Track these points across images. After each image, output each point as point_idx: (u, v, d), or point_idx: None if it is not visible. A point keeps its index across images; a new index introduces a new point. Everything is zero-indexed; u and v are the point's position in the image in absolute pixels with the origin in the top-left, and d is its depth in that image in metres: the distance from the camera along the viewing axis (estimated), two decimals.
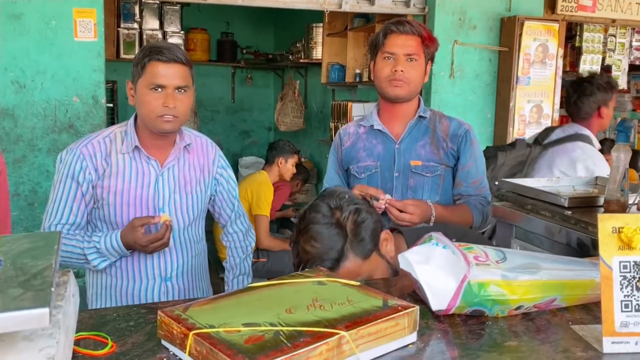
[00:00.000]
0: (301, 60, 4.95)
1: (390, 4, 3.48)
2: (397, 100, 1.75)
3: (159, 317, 0.80)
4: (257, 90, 6.22)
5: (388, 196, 1.63)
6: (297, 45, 5.03)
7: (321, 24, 4.67)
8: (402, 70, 1.69)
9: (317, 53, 4.79)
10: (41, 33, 2.84)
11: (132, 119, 1.60)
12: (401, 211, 1.61)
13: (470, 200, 1.77)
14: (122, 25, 4.87)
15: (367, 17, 4.27)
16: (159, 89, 1.48)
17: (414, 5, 3.50)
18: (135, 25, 4.94)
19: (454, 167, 1.79)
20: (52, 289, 0.57)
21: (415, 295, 1.02)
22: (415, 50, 1.71)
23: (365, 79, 4.35)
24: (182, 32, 5.14)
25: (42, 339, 0.58)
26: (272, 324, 0.75)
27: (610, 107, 2.44)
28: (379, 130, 1.81)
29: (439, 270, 0.94)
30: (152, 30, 5.02)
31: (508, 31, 3.50)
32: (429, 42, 1.74)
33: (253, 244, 1.87)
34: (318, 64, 4.79)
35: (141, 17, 5.00)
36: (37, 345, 0.57)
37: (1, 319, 0.51)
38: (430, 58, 1.78)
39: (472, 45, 3.51)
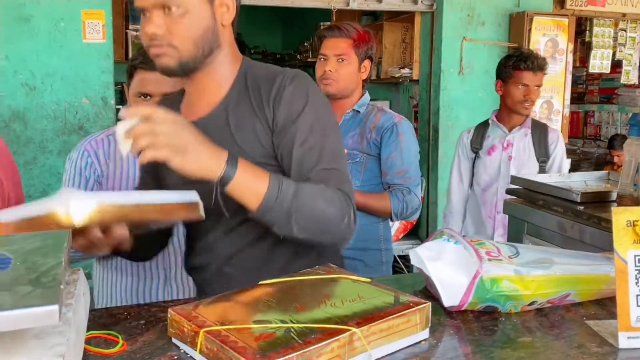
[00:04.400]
0: (309, 59, 4.95)
1: (398, 1, 3.47)
2: (330, 97, 1.92)
3: (169, 315, 0.80)
4: None
5: None
6: (305, 44, 5.03)
7: (329, 23, 4.66)
8: (330, 70, 1.90)
9: None
10: (50, 35, 2.86)
11: None
12: None
13: (393, 189, 1.93)
14: (130, 27, 4.87)
15: (375, 15, 4.26)
16: (148, 97, 1.44)
17: (421, 2, 3.49)
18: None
19: (378, 157, 1.95)
20: (62, 287, 0.57)
21: (427, 292, 1.01)
22: (345, 51, 1.90)
23: (373, 77, 4.34)
24: None
25: (53, 336, 0.58)
26: (282, 321, 0.75)
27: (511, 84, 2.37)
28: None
29: (451, 266, 0.93)
30: None
31: (517, 27, 3.47)
32: (359, 42, 1.91)
33: None
34: None
35: None
36: (48, 343, 0.57)
37: (11, 317, 0.51)
38: (366, 57, 1.94)
39: (481, 42, 3.49)
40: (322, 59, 1.94)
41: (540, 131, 2.51)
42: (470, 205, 2.60)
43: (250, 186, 1.00)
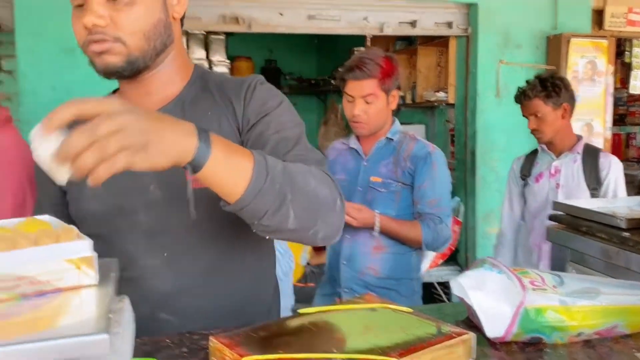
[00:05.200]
0: (339, 85, 4.98)
1: (432, 26, 3.48)
2: (361, 136, 1.98)
3: (211, 344, 0.80)
4: (301, 115, 6.24)
5: None
6: (340, 69, 5.07)
7: (363, 48, 4.70)
8: (360, 113, 1.89)
9: None
10: None
11: None
12: None
13: (425, 218, 1.91)
14: None
15: (409, 40, 4.28)
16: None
17: (456, 26, 3.49)
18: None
19: (412, 187, 1.94)
20: (111, 316, 0.58)
21: (470, 322, 0.99)
22: (372, 91, 1.88)
23: (408, 101, 4.34)
24: (227, 60, 5.26)
25: None
26: (325, 351, 0.75)
27: None
28: (353, 148, 2.04)
29: (494, 295, 0.92)
30: (199, 59, 5.13)
31: (554, 49, 3.44)
32: (384, 79, 1.89)
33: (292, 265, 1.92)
34: None
35: (188, 47, 5.14)
36: None
37: (61, 345, 0.52)
38: (394, 87, 1.93)
39: (517, 65, 3.46)
40: (349, 100, 1.92)
41: (591, 156, 2.37)
42: (521, 235, 2.52)
43: (233, 163, 0.79)
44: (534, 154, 2.52)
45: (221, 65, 5.27)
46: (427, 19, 3.45)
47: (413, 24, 3.42)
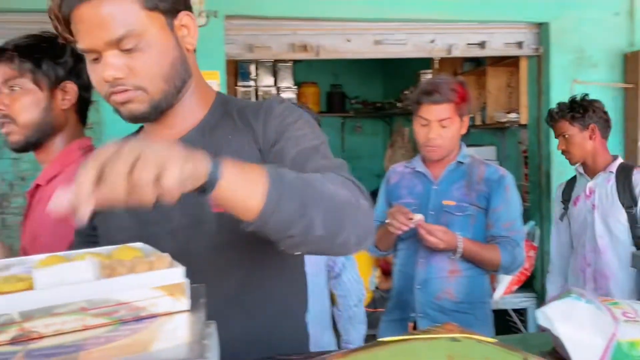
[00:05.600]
0: (410, 107, 4.95)
1: (502, 46, 3.43)
2: (432, 160, 1.98)
3: None
4: (366, 138, 6.30)
5: (420, 216, 1.84)
6: (406, 92, 5.06)
7: (430, 71, 4.68)
8: (435, 137, 1.89)
9: None
10: None
11: None
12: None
13: (500, 241, 1.89)
14: (239, 84, 5.18)
15: (477, 61, 4.22)
16: None
17: (527, 46, 3.42)
18: (252, 83, 5.22)
19: (486, 210, 1.92)
20: (205, 342, 0.60)
21: (556, 353, 0.96)
22: (448, 116, 1.88)
23: (478, 122, 4.27)
24: (294, 86, 5.37)
25: None
26: None
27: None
28: (420, 172, 2.02)
29: (583, 327, 0.88)
30: (267, 86, 5.28)
31: (632, 67, 3.30)
32: (461, 104, 1.90)
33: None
34: None
35: (257, 75, 5.30)
36: None
37: None
38: (467, 113, 1.95)
39: (593, 84, 3.34)
40: (423, 124, 1.91)
41: (625, 174, 2.33)
42: (571, 260, 2.52)
43: (246, 178, 0.77)
44: (574, 178, 2.53)
45: (288, 91, 5.39)
46: (497, 39, 3.39)
47: (482, 45, 3.38)
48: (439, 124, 1.87)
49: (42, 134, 1.39)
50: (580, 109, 2.37)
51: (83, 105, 1.47)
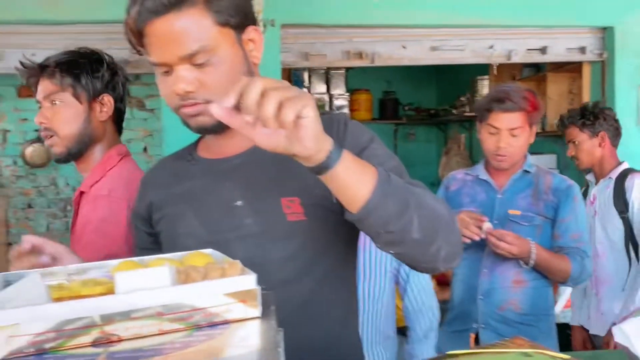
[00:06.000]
0: (466, 114, 4.88)
1: (564, 51, 3.33)
2: (498, 169, 1.92)
3: None
4: (419, 145, 6.24)
5: (489, 224, 1.79)
6: (462, 98, 4.99)
7: (487, 77, 4.59)
8: (505, 147, 1.84)
9: None
10: None
11: None
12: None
13: (569, 251, 1.83)
14: None
15: (537, 66, 4.12)
16: None
17: (590, 51, 3.31)
18: (305, 91, 5.26)
19: (553, 220, 1.86)
20: (279, 349, 0.60)
21: None
22: (519, 125, 1.84)
23: (537, 129, 4.15)
24: (347, 93, 5.37)
25: None
26: None
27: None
28: (484, 180, 1.98)
29: None
30: (320, 93, 5.31)
31: None
32: (533, 113, 1.86)
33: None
34: None
35: (309, 83, 5.33)
36: None
37: None
38: (537, 122, 1.91)
39: None
40: (493, 132, 1.87)
41: (621, 180, 2.35)
42: None
43: (360, 166, 0.80)
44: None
45: (341, 98, 5.40)
46: (558, 44, 3.30)
47: (543, 50, 3.29)
48: (509, 133, 1.84)
49: (83, 145, 1.46)
50: (591, 116, 2.40)
51: (119, 116, 1.55)
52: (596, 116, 2.40)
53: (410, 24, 3.23)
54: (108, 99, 1.48)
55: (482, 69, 4.29)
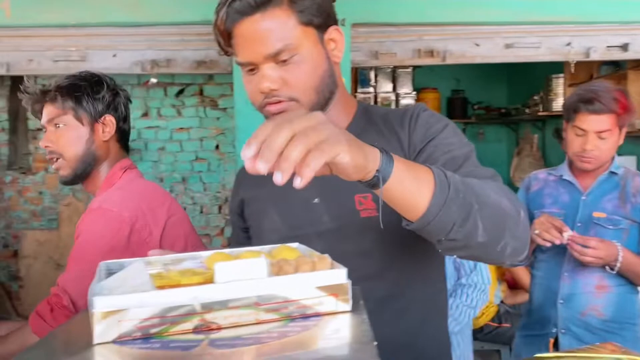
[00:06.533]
0: (539, 113, 4.73)
1: None
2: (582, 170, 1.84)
3: None
4: (488, 145, 6.09)
5: (571, 233, 1.72)
6: (535, 97, 4.84)
7: (562, 75, 4.44)
8: (592, 149, 1.77)
9: (557, 105, 4.54)
10: None
11: None
12: (584, 247, 1.67)
13: None
14: (359, 90, 5.23)
15: (616, 64, 3.94)
16: None
17: None
18: (371, 89, 5.26)
19: None
20: (375, 343, 0.60)
21: None
22: (608, 127, 1.75)
23: None
24: (414, 92, 5.32)
25: None
26: None
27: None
28: (567, 180, 1.90)
29: None
30: (386, 92, 5.29)
31: None
32: (622, 115, 1.76)
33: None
34: (558, 117, 4.53)
35: (376, 81, 5.32)
36: None
37: None
38: (627, 123, 1.81)
39: None
40: (579, 134, 1.80)
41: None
42: None
43: (415, 175, 0.77)
44: None
45: (408, 97, 5.35)
46: None
47: (624, 47, 3.14)
48: (596, 136, 1.77)
49: (87, 166, 1.50)
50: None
51: (123, 135, 1.58)
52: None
53: (483, 21, 3.16)
54: (110, 120, 1.52)
55: (557, 66, 4.14)
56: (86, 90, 1.50)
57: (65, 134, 1.49)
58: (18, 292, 4.69)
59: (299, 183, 0.65)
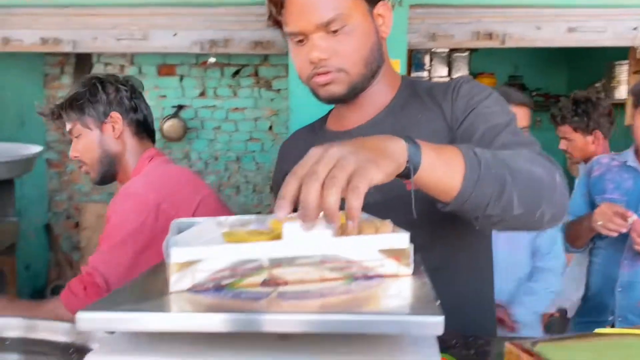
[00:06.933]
0: (633, 98, 4.57)
1: None
2: None
3: (506, 349, 0.81)
4: (546, 133, 5.91)
5: (635, 216, 1.68)
6: (596, 85, 4.68)
7: (626, 62, 4.27)
8: None
9: (620, 93, 4.38)
10: None
11: None
12: None
13: None
14: (412, 74, 5.18)
15: None
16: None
17: None
18: (425, 74, 5.20)
19: None
20: (438, 302, 0.62)
21: None
22: None
23: None
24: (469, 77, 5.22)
25: (425, 348, 0.64)
26: None
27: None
28: (632, 166, 1.88)
29: None
30: (441, 77, 5.22)
31: None
32: None
33: None
34: (620, 105, 4.37)
35: (431, 65, 5.25)
36: (424, 352, 0.63)
37: (402, 321, 0.58)
38: None
39: None
40: None
41: None
42: None
43: (444, 158, 0.79)
44: None
45: None
46: None
47: None
48: None
49: (109, 165, 1.58)
50: (585, 116, 2.35)
51: (138, 125, 1.62)
52: (589, 115, 2.36)
53: (545, 3, 3.09)
54: (116, 116, 1.58)
55: (620, 53, 3.99)
56: (85, 96, 1.57)
57: (81, 142, 1.58)
58: (79, 262, 4.92)
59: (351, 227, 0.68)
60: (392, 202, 1.04)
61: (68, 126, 1.59)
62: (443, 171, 0.78)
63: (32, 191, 4.61)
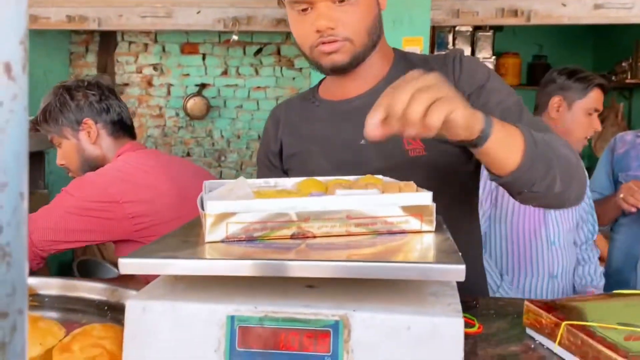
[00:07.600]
0: (627, 81, 4.51)
1: None
2: None
3: (525, 307, 0.84)
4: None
5: None
6: (623, 64, 4.61)
7: None
8: None
9: None
10: None
11: None
12: None
13: None
14: (435, 52, 5.14)
15: None
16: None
17: None
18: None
19: None
20: (460, 254, 0.65)
21: None
22: None
23: None
24: (493, 57, 5.17)
25: (446, 297, 0.67)
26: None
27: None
28: None
29: None
30: None
31: None
32: None
33: None
34: None
35: (454, 44, 5.20)
36: (445, 301, 0.66)
37: (428, 269, 0.61)
38: None
39: None
40: None
41: None
42: None
43: (509, 133, 0.82)
44: None
45: (487, 62, 5.20)
46: None
47: None
48: None
49: (93, 169, 1.58)
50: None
51: (114, 125, 1.63)
52: None
53: None
54: (89, 122, 1.60)
55: None
56: (56, 108, 1.59)
57: (63, 152, 1.63)
58: None
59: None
60: (395, 170, 1.05)
61: (49, 137, 1.64)
62: (507, 146, 0.83)
63: None
